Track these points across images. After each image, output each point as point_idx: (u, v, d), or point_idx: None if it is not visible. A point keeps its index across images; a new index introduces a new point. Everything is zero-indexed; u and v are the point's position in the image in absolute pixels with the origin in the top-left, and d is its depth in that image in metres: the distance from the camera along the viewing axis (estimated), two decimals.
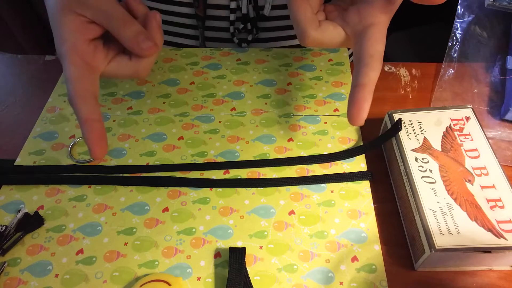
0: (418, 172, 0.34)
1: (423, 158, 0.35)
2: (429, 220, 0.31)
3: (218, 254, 0.34)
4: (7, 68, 0.51)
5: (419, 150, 0.36)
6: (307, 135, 0.42)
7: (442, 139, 0.36)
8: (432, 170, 0.34)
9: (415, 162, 0.35)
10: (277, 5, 0.53)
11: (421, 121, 0.38)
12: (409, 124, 0.38)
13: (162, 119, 0.44)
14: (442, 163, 0.35)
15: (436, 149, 0.36)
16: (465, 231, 0.30)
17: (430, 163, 0.35)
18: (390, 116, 0.39)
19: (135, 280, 0.32)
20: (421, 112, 0.39)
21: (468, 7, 0.51)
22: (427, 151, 0.35)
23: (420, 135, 0.37)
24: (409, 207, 0.33)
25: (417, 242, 0.32)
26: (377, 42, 0.31)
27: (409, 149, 0.36)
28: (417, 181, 0.33)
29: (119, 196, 0.38)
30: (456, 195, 0.32)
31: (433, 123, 0.38)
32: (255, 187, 0.38)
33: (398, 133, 0.37)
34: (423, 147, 0.36)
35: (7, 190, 0.38)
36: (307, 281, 0.32)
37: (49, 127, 0.43)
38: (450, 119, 0.38)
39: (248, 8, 0.52)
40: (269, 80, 0.47)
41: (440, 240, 0.30)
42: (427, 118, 0.38)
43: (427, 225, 0.31)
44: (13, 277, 0.33)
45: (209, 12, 0.53)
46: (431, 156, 0.35)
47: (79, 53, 0.31)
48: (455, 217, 0.31)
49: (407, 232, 0.34)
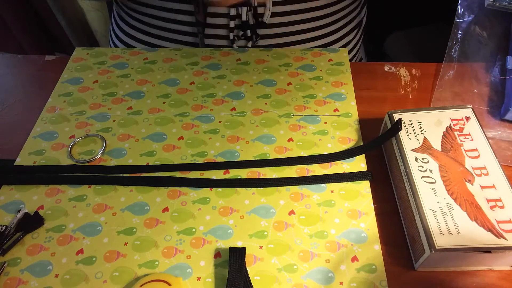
0: (418, 172, 0.34)
1: (423, 158, 0.35)
2: (429, 220, 0.31)
3: (218, 254, 0.34)
4: (7, 68, 0.51)
5: (419, 150, 0.36)
6: (307, 135, 0.42)
7: (442, 139, 0.36)
8: (432, 170, 0.34)
9: (415, 162, 0.35)
10: (277, 12, 0.53)
11: (421, 121, 0.38)
12: (409, 124, 0.38)
13: (162, 119, 0.44)
14: (442, 163, 0.34)
15: (436, 149, 0.36)
16: (465, 231, 0.30)
17: (430, 163, 0.35)
18: (390, 116, 0.39)
19: (135, 280, 0.32)
20: (421, 112, 0.39)
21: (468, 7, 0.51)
22: (427, 151, 0.35)
23: (420, 135, 0.37)
24: (409, 207, 0.33)
25: (417, 242, 0.32)
26: None
27: (409, 149, 0.36)
28: (417, 181, 0.33)
29: (119, 196, 0.38)
30: (456, 195, 0.32)
31: (433, 123, 0.38)
32: (255, 187, 0.38)
33: (397, 133, 0.37)
34: (423, 147, 0.36)
35: (7, 190, 0.38)
36: (307, 281, 0.32)
37: (49, 127, 0.43)
38: (450, 119, 0.38)
39: (248, 15, 0.52)
40: (269, 80, 0.47)
41: (440, 240, 0.30)
42: (427, 118, 0.38)
43: (427, 225, 0.31)
44: (13, 277, 0.33)
45: (209, 20, 0.53)
46: (431, 156, 0.35)
47: None
48: (455, 217, 0.31)
49: (407, 232, 0.34)
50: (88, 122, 0.44)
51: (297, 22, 0.54)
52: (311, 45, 0.57)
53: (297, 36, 0.55)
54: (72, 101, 0.46)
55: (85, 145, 0.42)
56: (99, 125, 0.44)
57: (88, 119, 0.44)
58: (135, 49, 0.52)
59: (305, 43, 0.56)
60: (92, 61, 0.51)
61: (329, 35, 0.57)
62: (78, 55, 0.51)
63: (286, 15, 0.53)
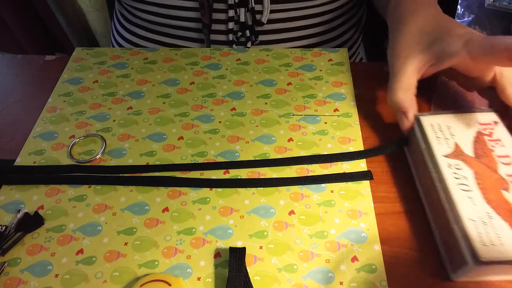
0: (453, 180, 0.32)
1: (456, 165, 0.33)
2: (470, 230, 0.29)
3: (218, 254, 0.34)
4: (7, 68, 0.51)
5: (452, 156, 0.34)
6: (307, 135, 0.42)
7: (473, 144, 0.34)
8: (467, 178, 0.32)
9: (448, 169, 0.33)
10: (276, 10, 0.53)
11: (449, 125, 0.36)
12: (438, 128, 0.36)
13: (162, 119, 0.44)
14: (476, 169, 0.33)
15: (468, 154, 0.34)
16: (509, 242, 0.28)
17: (464, 170, 0.33)
18: (418, 119, 0.37)
19: (135, 280, 0.32)
20: (450, 115, 0.37)
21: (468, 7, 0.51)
22: (459, 157, 0.34)
23: (450, 139, 0.35)
24: (444, 216, 0.32)
25: (455, 252, 0.30)
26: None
27: (440, 155, 0.34)
28: (452, 189, 0.32)
29: (119, 196, 0.38)
30: (494, 204, 0.30)
31: (462, 127, 0.36)
32: (255, 187, 0.38)
33: (402, 147, 0.36)
34: (455, 152, 0.34)
35: (7, 190, 0.38)
36: (307, 281, 0.32)
37: (49, 127, 0.43)
38: (478, 123, 0.36)
39: (246, 16, 0.52)
40: (269, 80, 0.47)
41: (484, 252, 0.28)
42: (455, 121, 0.36)
43: (468, 236, 0.29)
44: (13, 277, 0.33)
45: (215, 16, 0.53)
46: (464, 162, 0.33)
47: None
48: (496, 227, 0.29)
49: (441, 240, 0.33)
50: (88, 122, 0.44)
51: (296, 19, 0.54)
52: (309, 41, 0.57)
53: (296, 32, 0.55)
54: (72, 101, 0.46)
55: (85, 145, 0.42)
56: (99, 125, 0.44)
57: (88, 119, 0.44)
58: (135, 49, 0.52)
59: (303, 39, 0.56)
60: (92, 61, 0.51)
61: (328, 32, 0.57)
62: (78, 55, 0.51)
63: (284, 11, 0.53)
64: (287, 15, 0.53)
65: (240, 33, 0.53)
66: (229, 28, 0.53)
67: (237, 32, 0.54)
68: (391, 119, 0.43)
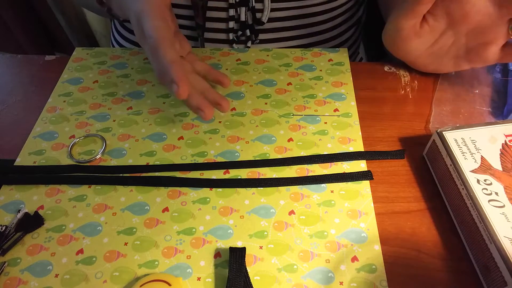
0: (484, 196, 0.31)
1: (485, 180, 0.32)
2: (507, 249, 0.28)
3: (218, 254, 0.34)
4: (7, 68, 0.51)
5: (479, 171, 0.33)
6: (307, 135, 0.42)
7: (500, 157, 0.34)
8: (498, 193, 0.31)
9: (478, 185, 0.32)
10: (276, 8, 0.53)
11: (474, 139, 0.35)
12: (462, 142, 0.35)
13: (162, 119, 0.44)
14: (507, 184, 0.32)
15: (496, 169, 0.33)
16: None
17: (494, 185, 0.32)
18: (440, 135, 0.36)
19: (135, 280, 0.32)
20: (473, 129, 0.36)
21: None
22: (487, 171, 0.33)
23: (476, 154, 0.34)
24: (478, 234, 0.31)
25: (492, 272, 0.29)
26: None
27: (468, 170, 0.33)
28: (484, 206, 0.30)
29: (119, 196, 0.38)
30: None
31: (487, 140, 0.35)
32: (255, 187, 0.38)
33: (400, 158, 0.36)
34: (482, 167, 0.33)
35: (7, 190, 0.38)
36: (307, 281, 0.32)
37: (49, 127, 0.43)
38: (504, 134, 0.35)
39: (247, 15, 0.52)
40: (269, 80, 0.47)
41: None
42: (480, 134, 0.35)
43: (506, 255, 0.28)
44: (13, 277, 0.33)
45: (208, 24, 0.53)
46: (493, 176, 0.32)
47: (161, 13, 0.35)
48: None
49: (476, 260, 0.32)
50: (88, 122, 0.44)
51: (296, 17, 0.54)
52: (309, 40, 0.57)
53: (296, 31, 0.55)
54: (72, 101, 0.46)
55: (85, 145, 0.42)
56: (99, 125, 0.44)
57: (88, 119, 0.44)
58: (135, 49, 0.52)
59: (303, 38, 0.56)
60: (92, 61, 0.51)
61: (328, 31, 0.57)
62: (78, 55, 0.51)
63: (285, 10, 0.53)
64: (287, 13, 0.53)
65: (240, 32, 0.53)
66: (229, 27, 0.53)
67: (237, 31, 0.54)
68: (391, 119, 0.43)
